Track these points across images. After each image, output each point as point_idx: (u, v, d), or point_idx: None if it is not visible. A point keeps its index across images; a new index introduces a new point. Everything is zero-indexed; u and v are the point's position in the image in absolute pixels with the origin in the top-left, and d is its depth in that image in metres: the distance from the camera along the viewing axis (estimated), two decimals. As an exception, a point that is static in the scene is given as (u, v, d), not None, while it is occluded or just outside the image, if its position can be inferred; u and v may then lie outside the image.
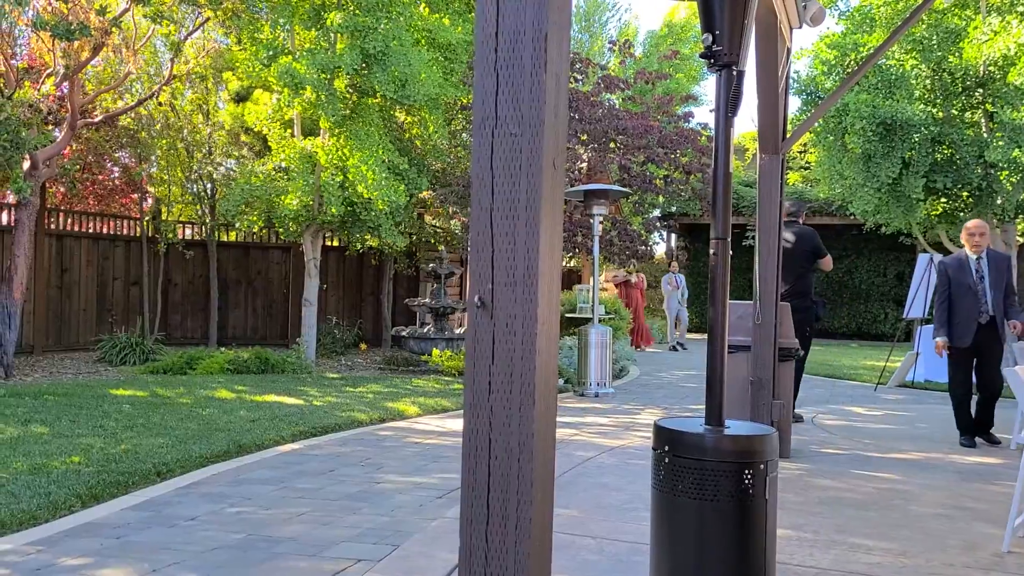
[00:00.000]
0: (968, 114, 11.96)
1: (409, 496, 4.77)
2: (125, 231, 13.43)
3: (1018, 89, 10.29)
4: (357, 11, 10.25)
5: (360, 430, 6.89)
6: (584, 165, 14.59)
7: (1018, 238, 12.66)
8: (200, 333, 13.86)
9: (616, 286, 16.97)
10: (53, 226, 12.35)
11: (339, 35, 10.44)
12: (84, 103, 11.47)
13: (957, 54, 11.12)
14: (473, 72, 1.91)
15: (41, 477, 4.80)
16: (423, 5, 11.44)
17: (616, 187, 10.24)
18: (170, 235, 13.32)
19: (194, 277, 13.91)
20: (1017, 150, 10.25)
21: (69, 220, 12.71)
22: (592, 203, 9.66)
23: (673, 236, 22.58)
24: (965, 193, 11.69)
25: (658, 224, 20.65)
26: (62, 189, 13.18)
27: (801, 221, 7.80)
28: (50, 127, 11.03)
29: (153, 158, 13.49)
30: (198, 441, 5.92)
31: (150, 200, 14.03)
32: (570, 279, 18.78)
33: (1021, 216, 12.15)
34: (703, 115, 44.42)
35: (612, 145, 14.63)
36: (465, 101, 12.97)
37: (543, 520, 1.83)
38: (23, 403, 7.39)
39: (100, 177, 13.70)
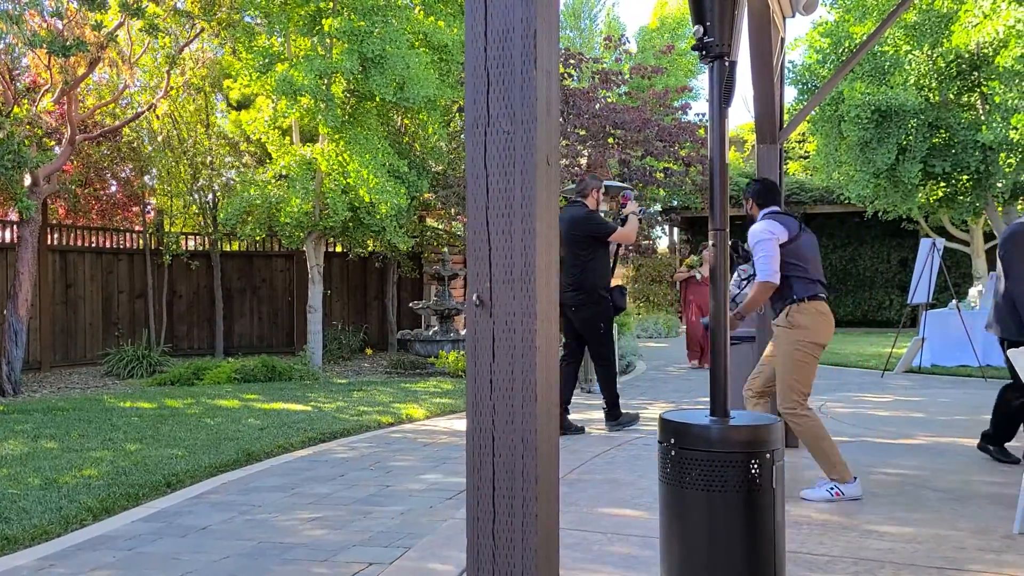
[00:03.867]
0: (964, 97, 11.93)
1: (420, 498, 4.78)
2: (128, 244, 13.46)
3: (1010, 70, 10.27)
4: (353, 16, 10.27)
5: (369, 434, 6.90)
6: (584, 161, 14.59)
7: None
8: (206, 343, 13.89)
9: (681, 284, 12.67)
10: (56, 242, 12.39)
11: (336, 40, 10.46)
12: (83, 118, 11.51)
13: (950, 38, 11.10)
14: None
15: (52, 492, 4.81)
16: (418, 8, 11.45)
17: (617, 182, 10.24)
18: (173, 247, 13.35)
19: (198, 288, 13.94)
20: (1012, 130, 10.22)
21: (72, 235, 12.75)
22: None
23: (675, 230, 22.56)
24: (964, 177, 11.68)
25: (660, 218, 20.63)
26: (64, 205, 13.22)
27: (595, 199, 6.65)
28: (51, 144, 11.08)
29: (154, 171, 13.52)
30: (207, 451, 5.93)
31: (152, 212, 14.06)
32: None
33: (1021, 197, 12.12)
34: (701, 107, 44.42)
35: (610, 140, 14.63)
36: (463, 102, 12.98)
37: (549, 516, 1.83)
38: (32, 419, 7.41)
39: (101, 191, 13.74)
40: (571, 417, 6.72)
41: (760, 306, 4.95)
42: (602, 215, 6.88)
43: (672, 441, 2.71)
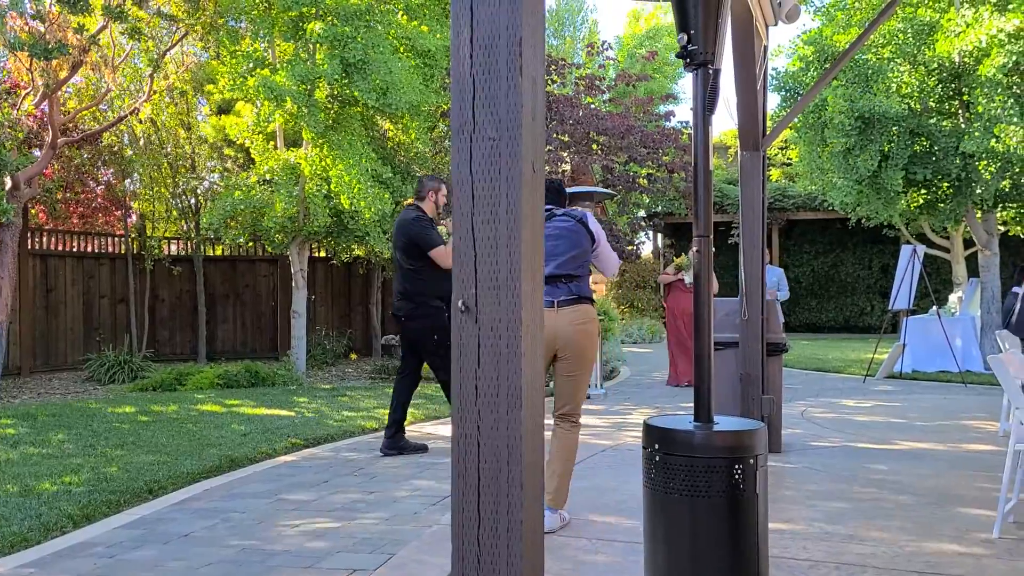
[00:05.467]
0: (945, 105, 12.06)
1: (404, 504, 4.76)
2: (110, 249, 13.36)
3: (991, 80, 10.39)
4: (336, 21, 10.25)
5: (353, 440, 6.88)
6: (567, 167, 14.62)
7: (999, 227, 12.76)
8: (189, 349, 13.80)
9: (665, 288, 11.21)
10: (37, 246, 12.27)
11: (319, 45, 10.43)
12: (64, 121, 11.42)
13: (932, 47, 11.22)
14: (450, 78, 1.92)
15: (32, 499, 4.76)
16: (401, 13, 11.44)
17: (601, 188, 10.27)
18: (156, 251, 13.26)
19: (181, 293, 13.85)
20: (994, 140, 10.34)
21: (53, 239, 12.64)
22: (577, 205, 9.67)
23: (659, 236, 22.66)
24: (945, 184, 11.79)
25: (644, 224, 20.70)
26: (44, 209, 13.10)
27: (433, 203, 6.18)
28: (31, 149, 10.98)
29: (136, 175, 13.43)
30: (190, 457, 5.89)
31: (134, 217, 13.96)
32: (558, 282, 18.75)
33: (1001, 205, 12.25)
34: (684, 113, 44.66)
35: (594, 147, 14.67)
36: (446, 108, 12.99)
37: (534, 522, 1.84)
38: (12, 425, 7.33)
39: (83, 195, 13.63)
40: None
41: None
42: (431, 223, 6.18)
43: (656, 447, 2.72)
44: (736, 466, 2.63)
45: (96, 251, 13.13)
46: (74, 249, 12.84)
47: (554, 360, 4.16)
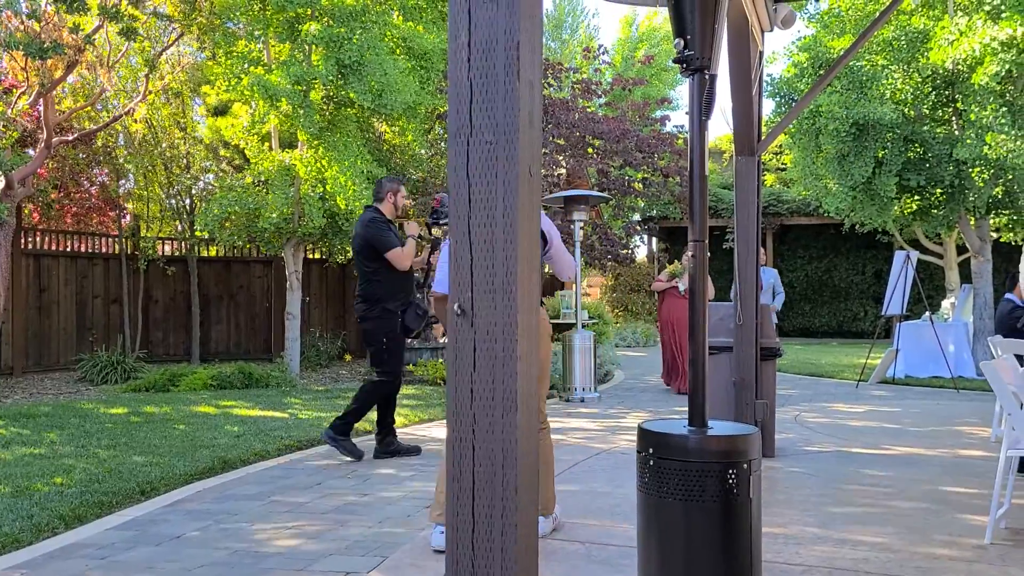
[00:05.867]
0: (939, 112, 12.10)
1: (397, 507, 4.76)
2: (104, 249, 13.32)
3: (984, 88, 10.44)
4: (332, 22, 10.25)
5: (346, 442, 6.86)
6: (563, 171, 14.64)
7: (991, 233, 12.81)
8: (182, 349, 13.77)
9: (659, 296, 10.92)
10: (30, 245, 12.23)
11: (314, 46, 10.43)
12: (59, 121, 11.39)
13: (926, 54, 11.27)
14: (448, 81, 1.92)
15: (23, 499, 4.74)
16: (397, 14, 11.45)
17: (596, 192, 10.28)
18: (150, 251, 13.23)
19: (175, 293, 13.81)
20: (986, 147, 10.39)
21: (47, 239, 12.60)
22: (572, 208, 9.70)
23: (654, 240, 22.69)
24: (939, 190, 11.83)
25: (638, 227, 20.73)
26: (38, 209, 13.06)
27: (392, 204, 6.10)
28: (25, 148, 10.95)
29: (131, 175, 13.40)
30: (182, 458, 5.87)
31: (128, 217, 13.93)
32: (553, 285, 18.79)
33: (994, 212, 12.29)
34: (679, 118, 44.76)
35: (590, 150, 14.69)
36: (442, 109, 13.00)
37: (528, 526, 1.84)
38: (3, 425, 7.30)
39: (77, 195, 13.59)
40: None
41: None
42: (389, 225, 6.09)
43: (650, 451, 2.72)
44: (730, 470, 2.64)
45: (90, 251, 13.10)
46: (68, 249, 12.81)
47: None
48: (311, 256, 14.58)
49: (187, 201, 13.91)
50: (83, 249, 13.04)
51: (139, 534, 4.24)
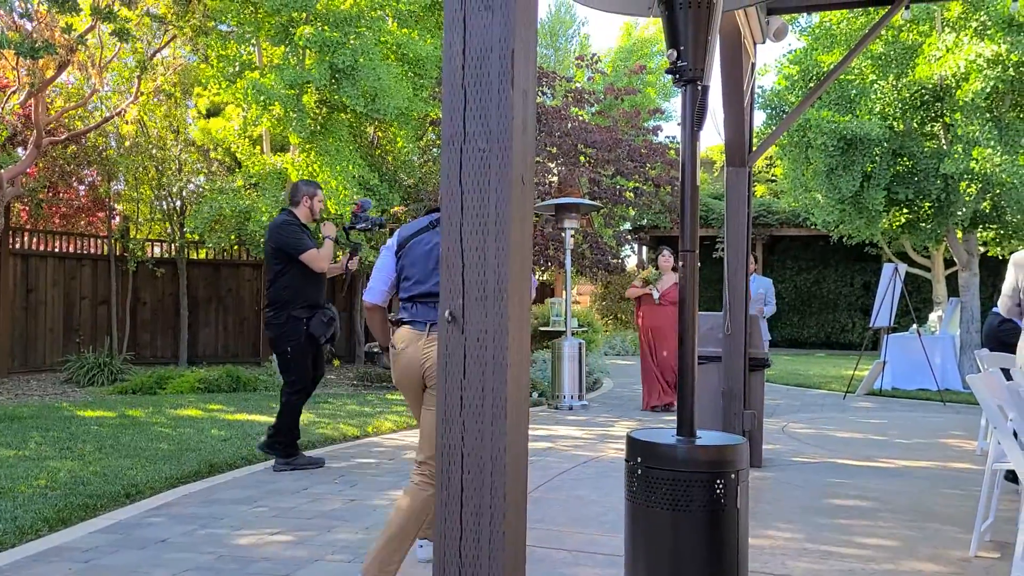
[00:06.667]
0: (927, 127, 12.20)
1: (384, 512, 4.74)
2: (92, 250, 13.25)
3: (971, 103, 10.54)
4: (325, 27, 10.25)
5: (333, 447, 6.85)
6: (555, 179, 14.68)
7: (979, 247, 12.91)
8: (170, 352, 13.70)
9: (635, 303, 9.89)
10: (18, 245, 12.15)
11: (307, 50, 10.43)
12: (50, 121, 11.34)
13: (914, 70, 11.36)
14: (441, 88, 1.93)
15: (7, 501, 4.71)
16: (391, 20, 11.46)
17: (587, 201, 10.31)
18: (139, 253, 13.17)
19: (163, 295, 13.75)
20: (973, 161, 10.48)
21: (35, 240, 12.52)
22: (563, 217, 9.72)
23: (644, 249, 22.75)
24: (926, 204, 11.92)
25: (629, 237, 20.79)
26: (26, 209, 12.99)
27: (308, 208, 5.89)
28: (15, 148, 10.89)
29: (121, 176, 13.34)
30: (168, 461, 5.84)
31: (118, 218, 13.87)
32: (543, 293, 18.81)
33: (981, 226, 12.38)
34: (671, 129, 44.94)
35: (582, 159, 14.74)
36: (435, 116, 13.01)
37: (516, 534, 1.84)
38: (-13, 426, 7.24)
39: (66, 196, 13.52)
40: (537, 433, 6.67)
41: None
42: (301, 228, 5.88)
43: (639, 460, 2.72)
44: (718, 480, 2.64)
45: (78, 252, 13.03)
46: (56, 250, 12.73)
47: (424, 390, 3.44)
48: (301, 260, 14.52)
49: (177, 203, 13.86)
50: (71, 250, 12.97)
51: (124, 537, 4.22)
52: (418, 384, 3.44)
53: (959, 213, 11.56)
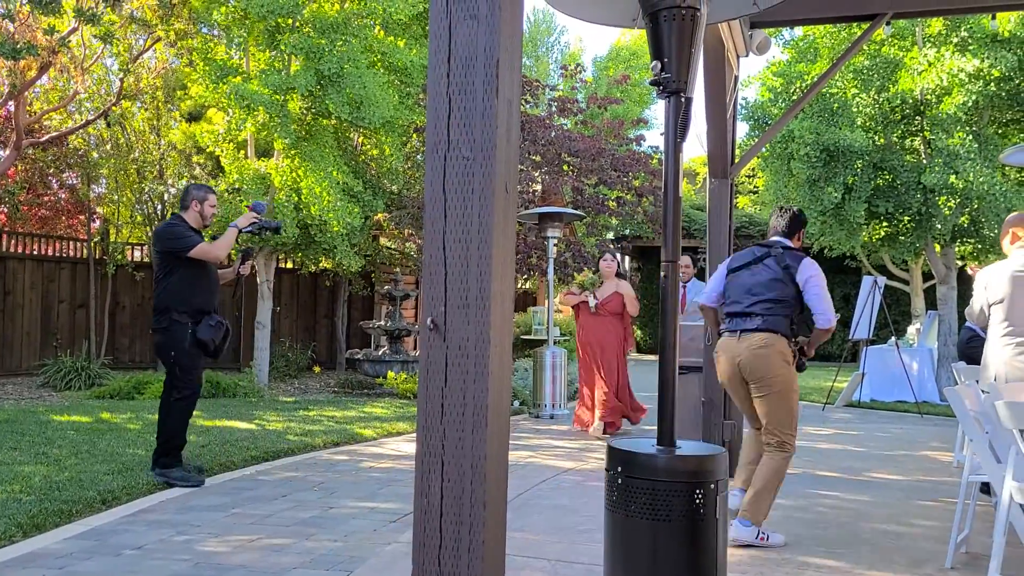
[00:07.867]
0: (907, 141, 12.34)
1: (363, 521, 4.72)
2: (71, 253, 13.12)
3: (951, 117, 10.67)
4: (312, 33, 10.23)
5: (313, 454, 6.81)
6: (538, 187, 14.71)
7: (957, 261, 13.05)
8: (149, 357, 13.57)
9: (573, 309, 8.77)
10: (-5, 248, 12.03)
11: (293, 56, 10.41)
12: (31, 122, 11.24)
13: (896, 83, 11.50)
14: (427, 95, 1.93)
15: (-20, 507, 4.64)
16: (378, 28, 11.46)
17: (570, 210, 10.34)
18: (119, 257, 13.05)
19: (143, 299, 13.63)
20: (953, 175, 10.60)
21: (12, 242, 12.39)
22: (546, 225, 9.74)
23: (627, 258, 22.81)
24: (906, 218, 12.05)
25: (611, 246, 20.85)
26: (4, 211, 12.86)
27: (198, 212, 5.66)
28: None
29: (102, 179, 13.24)
30: (146, 467, 5.78)
31: (97, 221, 13.75)
32: (525, 301, 18.82)
33: (959, 240, 12.53)
34: (654, 138, 45.16)
35: (565, 168, 14.77)
36: (420, 123, 13.01)
37: (496, 543, 1.83)
38: (-39, 430, 7.15)
39: (46, 198, 13.40)
40: (517, 442, 6.66)
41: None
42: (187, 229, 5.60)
43: (619, 469, 2.73)
44: (697, 490, 2.65)
45: (57, 255, 12.90)
46: (34, 252, 12.60)
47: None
48: (284, 265, 14.47)
49: (159, 207, 13.76)
50: (50, 253, 12.84)
51: (99, 544, 4.17)
52: (739, 380, 4.49)
53: (938, 227, 11.69)
